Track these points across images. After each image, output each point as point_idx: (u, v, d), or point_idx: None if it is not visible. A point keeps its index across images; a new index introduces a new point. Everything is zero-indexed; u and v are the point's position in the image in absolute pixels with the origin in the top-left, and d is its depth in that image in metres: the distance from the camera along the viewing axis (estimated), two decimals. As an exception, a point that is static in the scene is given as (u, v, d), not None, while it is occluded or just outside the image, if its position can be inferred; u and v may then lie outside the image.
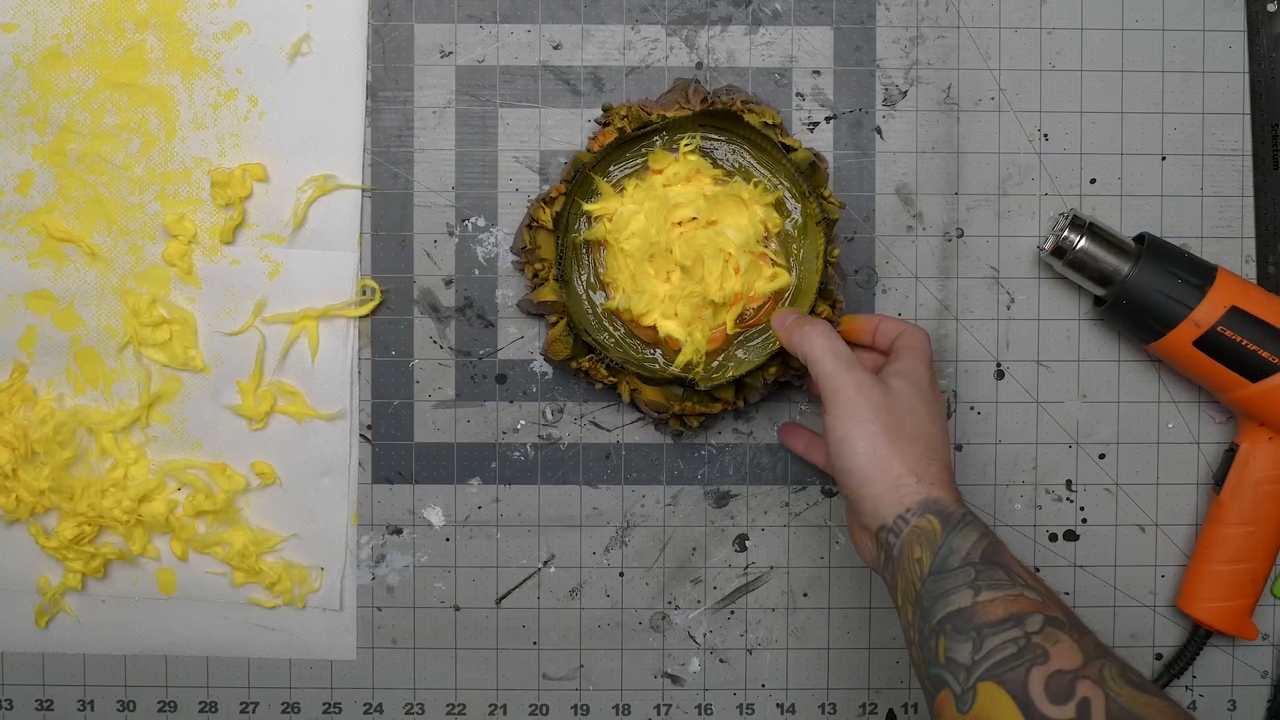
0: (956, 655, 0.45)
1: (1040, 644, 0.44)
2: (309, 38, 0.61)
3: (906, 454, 0.50)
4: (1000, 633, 0.45)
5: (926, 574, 0.48)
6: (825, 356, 0.52)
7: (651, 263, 0.59)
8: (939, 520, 0.48)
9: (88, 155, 0.62)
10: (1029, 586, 0.46)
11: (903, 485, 0.49)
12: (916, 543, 0.48)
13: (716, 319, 0.59)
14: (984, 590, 0.46)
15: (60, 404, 0.63)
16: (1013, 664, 0.44)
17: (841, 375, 0.51)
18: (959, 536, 0.48)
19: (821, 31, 0.62)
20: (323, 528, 0.63)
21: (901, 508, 0.49)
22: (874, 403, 0.50)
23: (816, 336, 0.53)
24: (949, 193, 0.63)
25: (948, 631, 0.46)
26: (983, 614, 0.45)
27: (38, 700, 0.64)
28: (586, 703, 0.64)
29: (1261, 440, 0.60)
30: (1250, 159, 0.63)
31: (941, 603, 0.47)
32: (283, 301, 0.62)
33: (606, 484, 0.64)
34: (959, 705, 0.45)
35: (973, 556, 0.47)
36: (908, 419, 0.51)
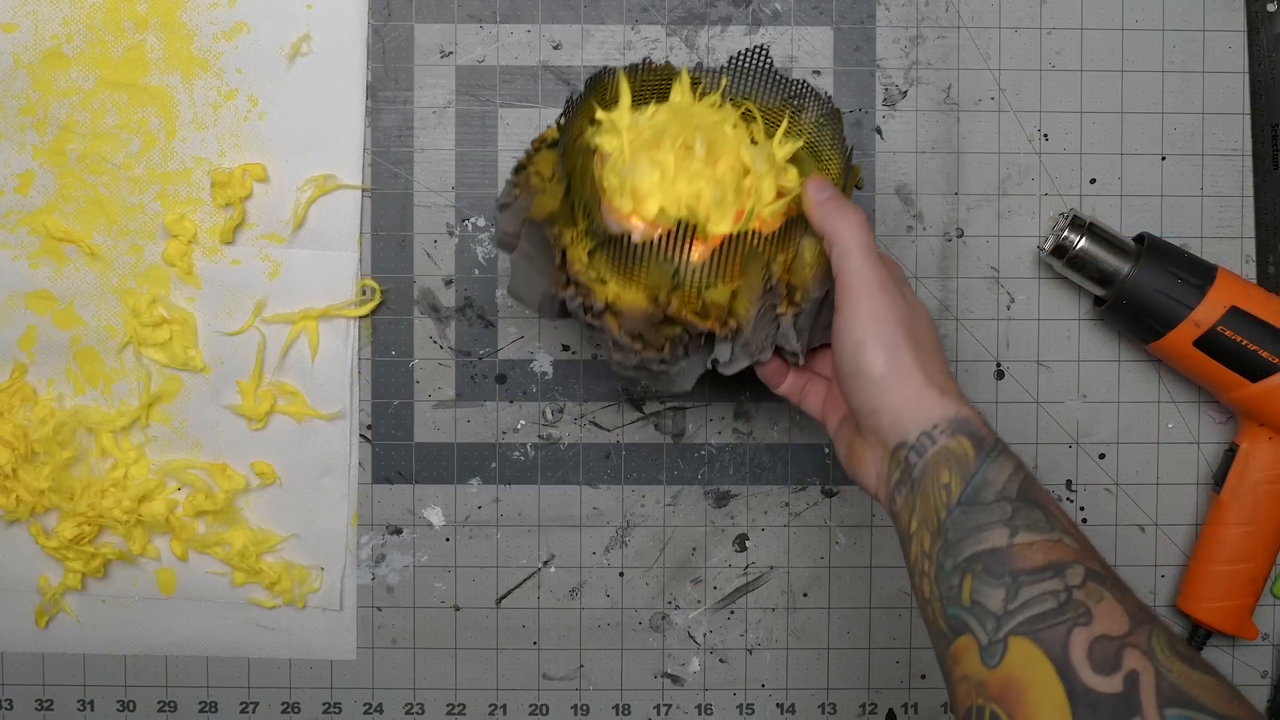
0: (986, 600, 0.41)
1: (1082, 601, 0.39)
2: (309, 38, 0.61)
3: (930, 366, 0.46)
4: (1038, 582, 0.40)
5: (955, 502, 0.43)
6: (857, 247, 0.47)
7: (659, 147, 0.51)
8: (971, 444, 0.44)
9: (88, 155, 0.62)
10: (1067, 532, 0.42)
11: (928, 398, 0.45)
12: (944, 465, 0.44)
13: (724, 211, 0.50)
14: (1021, 531, 0.41)
15: (60, 404, 0.63)
16: (1052, 621, 0.39)
17: (869, 271, 0.46)
18: (994, 466, 0.44)
19: (821, 31, 0.62)
20: (323, 528, 0.63)
21: (927, 423, 0.45)
22: (896, 305, 0.46)
23: (854, 222, 0.47)
24: (949, 193, 0.63)
25: (977, 571, 0.41)
26: (1019, 558, 0.41)
27: (38, 700, 0.64)
28: (586, 703, 0.64)
29: (1261, 440, 0.60)
30: (1250, 159, 0.63)
31: (972, 538, 0.42)
32: (283, 301, 0.62)
33: (606, 484, 0.64)
34: (984, 657, 0.40)
35: (1009, 491, 0.43)
36: (925, 329, 0.47)
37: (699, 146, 0.50)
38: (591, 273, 0.51)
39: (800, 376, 0.55)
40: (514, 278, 0.53)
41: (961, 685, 0.41)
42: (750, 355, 0.52)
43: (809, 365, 0.55)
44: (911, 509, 0.45)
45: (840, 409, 0.53)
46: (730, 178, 0.50)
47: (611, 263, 0.50)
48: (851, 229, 0.47)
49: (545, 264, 0.51)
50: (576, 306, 0.51)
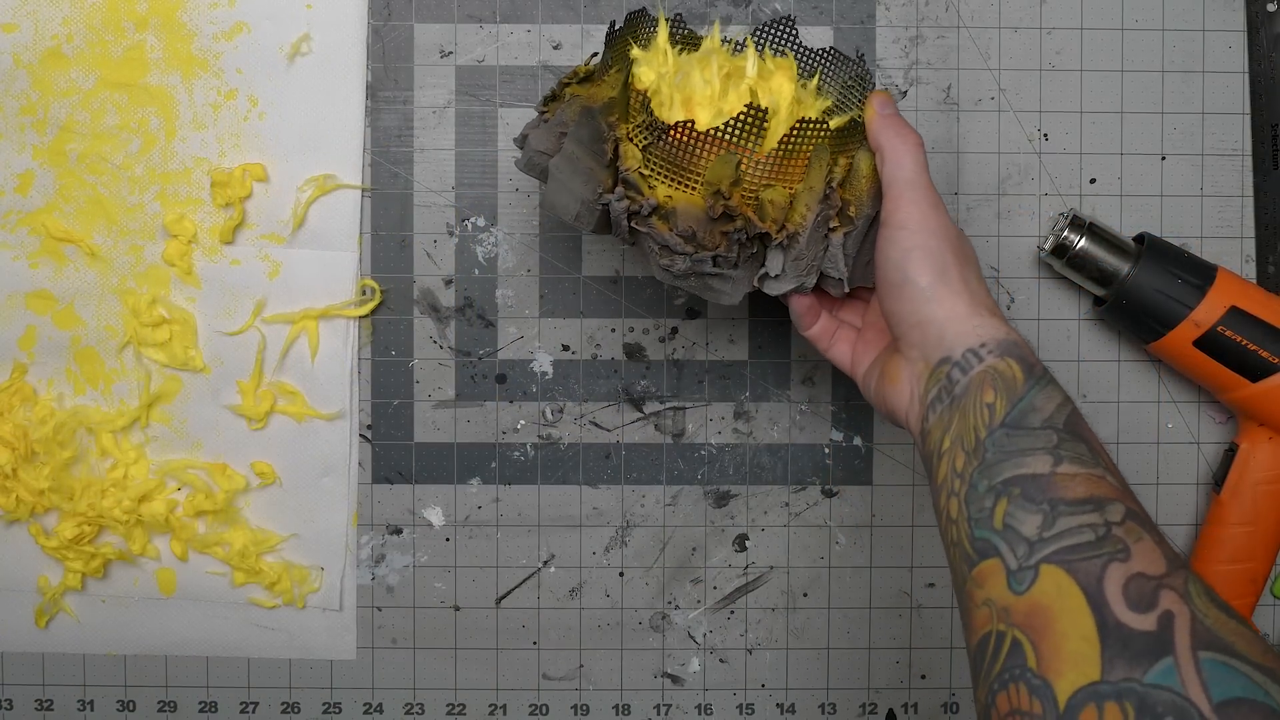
0: (1020, 525, 0.39)
1: (1121, 537, 0.38)
2: (309, 38, 0.61)
3: (977, 287, 0.45)
4: (1078, 514, 0.39)
5: (998, 423, 0.42)
6: (911, 164, 0.47)
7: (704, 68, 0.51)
8: (1021, 368, 0.43)
9: (88, 155, 0.62)
10: (1110, 471, 0.41)
11: (976, 315, 0.44)
12: (990, 385, 0.43)
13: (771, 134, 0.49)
14: (1065, 462, 0.40)
15: (60, 404, 0.63)
16: (1088, 553, 0.38)
17: (922, 187, 0.47)
18: (1042, 394, 0.42)
19: (821, 31, 0.62)
20: (323, 528, 0.63)
21: (976, 340, 0.44)
22: (946, 224, 0.46)
23: (913, 141, 0.48)
24: (949, 193, 0.63)
25: (1014, 496, 0.40)
26: (1060, 487, 0.39)
27: (38, 700, 0.64)
28: (586, 703, 0.64)
29: (1261, 440, 0.60)
30: (1250, 159, 0.63)
31: (1012, 461, 0.41)
32: (283, 301, 0.62)
33: (606, 484, 0.64)
34: (1011, 582, 0.39)
35: (1055, 421, 0.42)
36: (974, 261, 0.47)
37: (750, 65, 0.51)
38: (646, 171, 0.49)
39: (831, 322, 0.54)
40: (551, 186, 0.51)
41: (982, 610, 0.40)
42: (798, 275, 0.51)
43: (840, 312, 0.55)
44: (946, 427, 0.44)
45: (870, 355, 0.52)
46: (784, 91, 0.51)
47: (664, 162, 0.49)
48: (909, 147, 0.47)
49: (592, 165, 0.49)
50: (622, 210, 0.49)
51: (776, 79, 0.52)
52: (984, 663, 0.39)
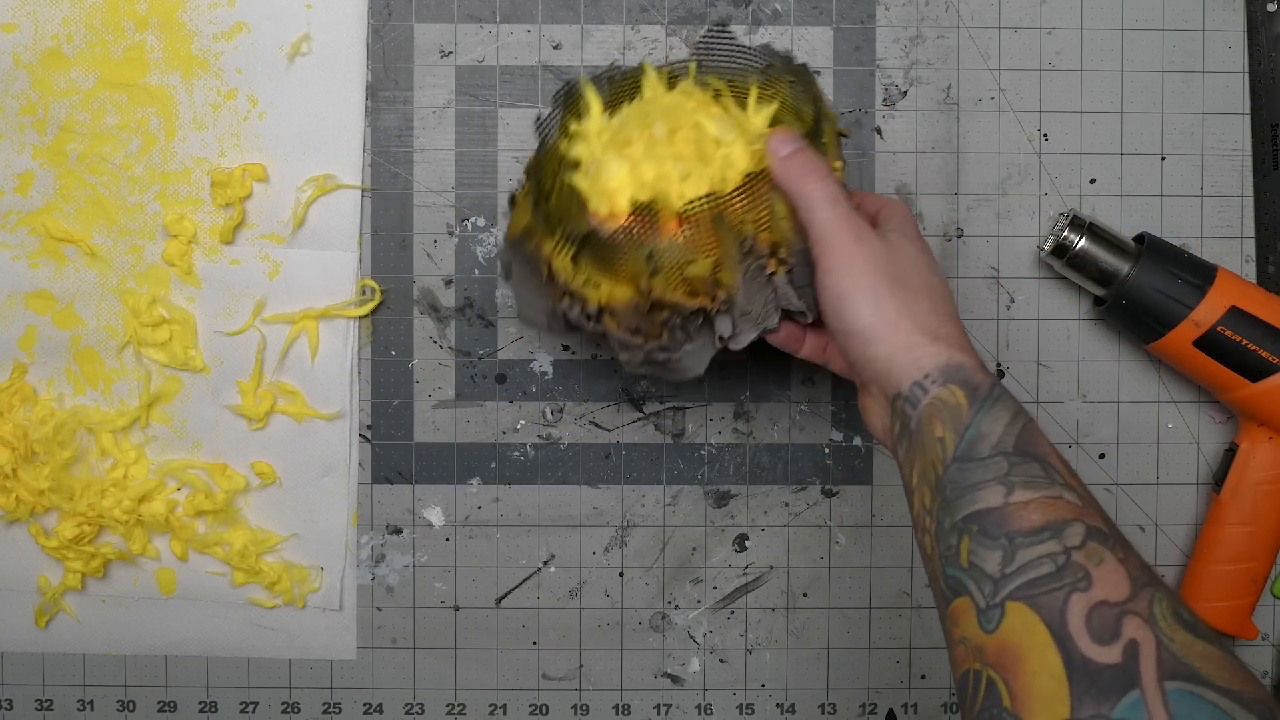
0: (983, 563, 0.39)
1: (1081, 564, 0.38)
2: (309, 38, 0.61)
3: (915, 309, 0.44)
4: (1036, 544, 0.39)
5: (950, 458, 0.42)
6: (822, 203, 0.46)
7: (625, 137, 0.50)
8: (964, 393, 0.43)
9: (88, 155, 0.62)
10: (1067, 485, 0.40)
11: (916, 345, 0.44)
12: (938, 418, 0.43)
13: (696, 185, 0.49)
14: (1018, 489, 0.40)
15: (60, 404, 0.63)
16: (1049, 585, 0.38)
17: (839, 224, 0.45)
18: (988, 417, 0.42)
19: (821, 31, 0.62)
20: (323, 528, 0.63)
21: (919, 372, 0.44)
22: (874, 253, 0.45)
23: (817, 176, 0.46)
24: (949, 193, 0.63)
25: (974, 533, 0.40)
26: (1016, 518, 0.39)
27: (38, 700, 0.64)
28: (586, 703, 0.64)
29: (1261, 440, 0.60)
30: (1250, 159, 0.63)
31: (968, 497, 0.41)
32: (283, 301, 0.62)
33: (606, 484, 0.64)
34: (981, 621, 0.39)
35: (1005, 444, 0.41)
36: (911, 271, 0.46)
37: (659, 128, 0.49)
38: (580, 278, 0.50)
39: (818, 337, 0.53)
40: (518, 303, 0.54)
41: (960, 647, 0.40)
42: (755, 324, 0.51)
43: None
44: (912, 462, 0.44)
45: None
46: (689, 148, 0.49)
47: (595, 263, 0.50)
48: (814, 184, 0.46)
49: (539, 281, 0.51)
50: (577, 315, 0.51)
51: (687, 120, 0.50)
52: (966, 700, 0.39)
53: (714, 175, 0.49)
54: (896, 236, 0.47)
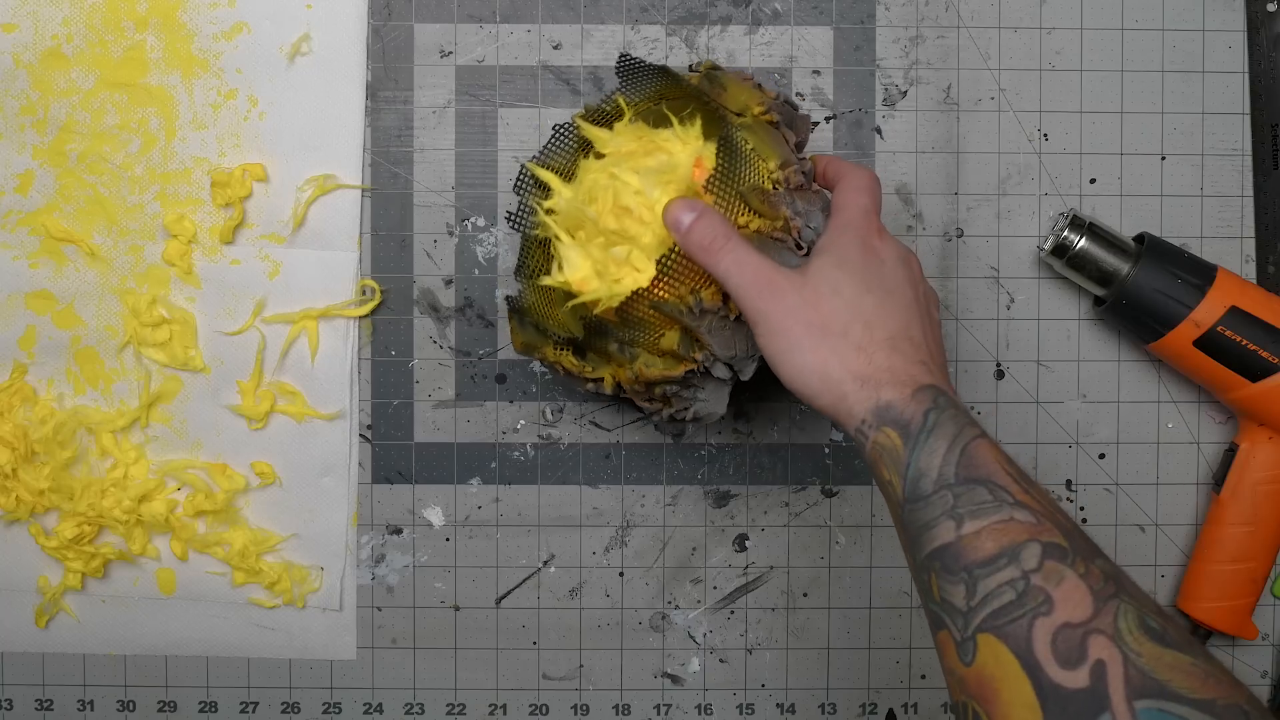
0: (951, 598, 0.40)
1: (1041, 586, 0.38)
2: (309, 38, 0.61)
3: (839, 353, 0.44)
4: (994, 572, 0.39)
5: (902, 500, 0.42)
6: (729, 271, 0.45)
7: (585, 231, 0.52)
8: (899, 434, 0.42)
9: (88, 155, 0.62)
10: (1019, 504, 0.40)
11: (848, 394, 0.43)
12: (881, 463, 0.43)
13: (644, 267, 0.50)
14: (967, 520, 0.40)
15: (60, 404, 0.63)
16: (1013, 613, 0.38)
17: (751, 287, 0.45)
18: (924, 453, 0.42)
19: (821, 31, 0.62)
20: (323, 528, 0.63)
21: (855, 419, 0.43)
22: (789, 308, 0.44)
23: (717, 249, 0.46)
24: (949, 193, 0.63)
25: (937, 569, 0.40)
26: (970, 550, 0.39)
27: (38, 700, 0.64)
28: (586, 703, 0.64)
29: (1261, 440, 0.60)
30: (1250, 159, 0.63)
31: (925, 536, 0.41)
32: (283, 301, 0.62)
33: (606, 484, 0.64)
34: (960, 655, 0.39)
35: (946, 475, 0.41)
36: (831, 308, 0.44)
37: (596, 203, 0.50)
38: (589, 367, 0.54)
39: None
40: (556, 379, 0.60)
41: (949, 678, 0.41)
42: (749, 358, 0.52)
43: None
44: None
45: None
46: (624, 213, 0.49)
47: (594, 355, 0.54)
48: (717, 256, 0.46)
49: (560, 376, 0.56)
50: (593, 392, 0.56)
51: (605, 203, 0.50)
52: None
53: (657, 232, 0.49)
54: (819, 262, 0.46)
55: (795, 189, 0.51)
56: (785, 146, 0.52)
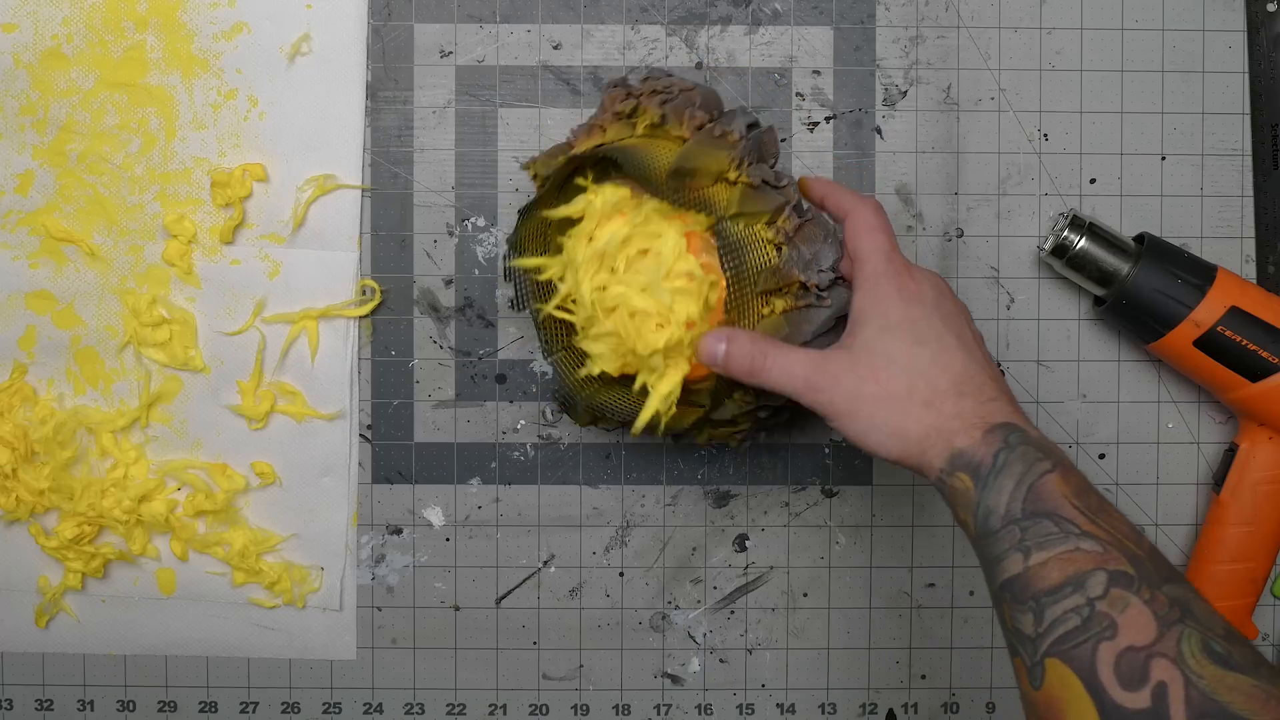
0: (1021, 626, 0.41)
1: (1106, 612, 0.39)
2: (309, 38, 0.61)
3: (910, 415, 0.45)
4: (1059, 600, 0.40)
5: (975, 536, 0.44)
6: (785, 380, 0.47)
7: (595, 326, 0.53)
8: (970, 477, 0.44)
9: (88, 155, 0.62)
10: (1085, 534, 0.41)
11: (925, 450, 0.45)
12: (957, 505, 0.45)
13: (675, 365, 0.51)
14: (1034, 552, 0.41)
15: (60, 404, 0.63)
16: (1078, 638, 0.39)
17: (808, 389, 0.47)
18: (993, 492, 0.43)
19: (821, 31, 0.62)
20: (323, 528, 0.63)
21: (935, 471, 0.45)
22: (849, 390, 0.46)
23: (758, 365, 0.47)
24: (949, 193, 0.63)
25: (1007, 600, 0.42)
26: (1037, 580, 0.41)
27: (38, 700, 0.64)
28: (586, 703, 0.64)
29: (1261, 440, 0.60)
30: (1250, 159, 0.63)
31: (997, 569, 0.43)
32: (283, 301, 0.62)
33: (606, 484, 0.64)
34: (1030, 679, 0.41)
35: (1013, 512, 0.43)
36: (889, 375, 0.46)
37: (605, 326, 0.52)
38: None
39: None
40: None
41: (1024, 704, 0.42)
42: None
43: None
44: None
45: None
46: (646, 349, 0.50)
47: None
48: (760, 371, 0.47)
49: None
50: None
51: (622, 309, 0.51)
52: None
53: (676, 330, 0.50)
54: (865, 335, 0.47)
55: (795, 233, 0.51)
56: (770, 194, 0.51)
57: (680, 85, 0.54)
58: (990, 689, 0.64)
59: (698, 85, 0.55)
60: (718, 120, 0.53)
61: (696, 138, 0.52)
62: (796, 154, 0.63)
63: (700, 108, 0.53)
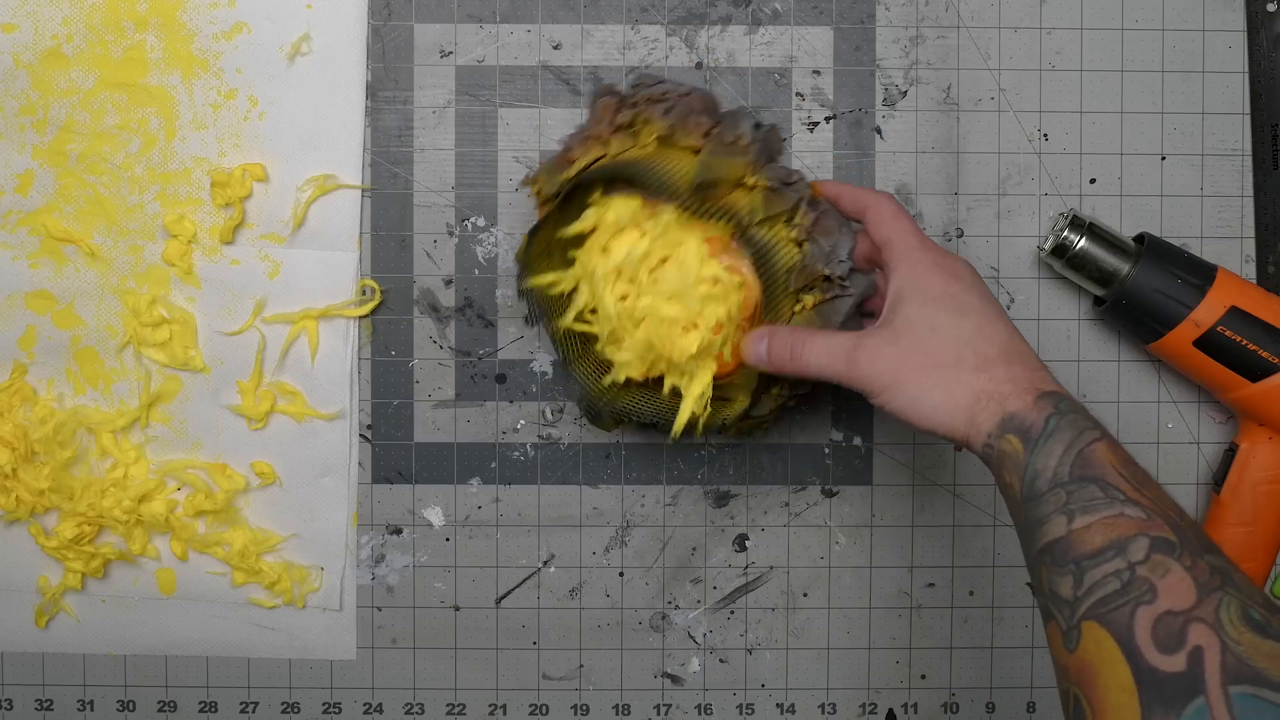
0: (1059, 589, 0.41)
1: (1146, 577, 0.39)
2: (309, 38, 0.61)
3: (960, 381, 0.46)
4: (1100, 564, 0.40)
5: (1020, 500, 0.44)
6: (827, 364, 0.48)
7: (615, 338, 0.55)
8: (1019, 439, 0.44)
9: (88, 155, 0.62)
10: (1130, 501, 0.42)
11: (977, 415, 0.45)
12: (1004, 468, 0.45)
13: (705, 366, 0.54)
14: (1078, 515, 0.42)
15: (60, 404, 0.63)
16: (1117, 602, 0.39)
17: (849, 368, 0.48)
18: (1042, 455, 0.43)
19: (821, 31, 0.62)
20: (323, 528, 0.63)
21: (984, 435, 0.45)
22: (892, 363, 0.47)
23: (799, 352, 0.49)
24: (949, 193, 0.63)
25: (1047, 563, 0.42)
26: (1079, 544, 0.41)
27: (38, 700, 0.64)
28: (586, 703, 0.64)
29: (1261, 440, 0.60)
30: (1250, 159, 0.63)
31: (1038, 531, 0.43)
32: (283, 301, 0.62)
33: (606, 484, 0.64)
34: (1065, 642, 0.41)
35: (1061, 475, 0.43)
36: (935, 344, 0.47)
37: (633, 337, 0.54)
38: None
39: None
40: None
41: (1056, 669, 0.42)
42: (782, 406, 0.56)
43: None
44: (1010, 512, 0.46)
45: None
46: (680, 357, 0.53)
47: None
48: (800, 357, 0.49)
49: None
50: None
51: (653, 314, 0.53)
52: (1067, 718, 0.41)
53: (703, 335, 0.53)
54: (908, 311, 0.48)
55: (813, 227, 0.53)
56: (786, 192, 0.53)
57: (675, 90, 0.55)
58: (990, 689, 0.64)
59: (693, 88, 0.55)
60: (722, 125, 0.53)
61: (710, 148, 0.53)
62: (797, 154, 0.63)
63: (702, 113, 0.54)
